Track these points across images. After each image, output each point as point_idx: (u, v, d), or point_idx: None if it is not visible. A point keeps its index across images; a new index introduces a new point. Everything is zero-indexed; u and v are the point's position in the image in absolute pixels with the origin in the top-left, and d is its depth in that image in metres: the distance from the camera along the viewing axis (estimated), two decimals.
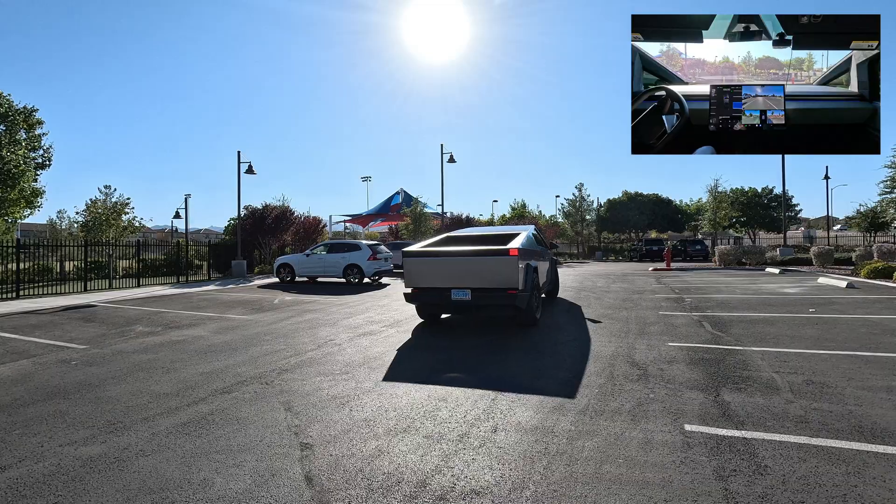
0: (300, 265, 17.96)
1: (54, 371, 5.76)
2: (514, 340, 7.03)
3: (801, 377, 4.91)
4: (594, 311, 9.96)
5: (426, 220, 28.81)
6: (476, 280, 7.54)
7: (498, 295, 7.46)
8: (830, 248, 21.65)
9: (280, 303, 12.26)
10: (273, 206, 24.85)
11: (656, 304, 10.72)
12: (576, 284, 16.08)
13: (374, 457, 3.27)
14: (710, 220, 23.81)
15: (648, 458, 3.15)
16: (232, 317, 9.97)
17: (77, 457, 3.35)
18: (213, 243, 24.00)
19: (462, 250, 7.99)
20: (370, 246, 17.78)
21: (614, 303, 11.18)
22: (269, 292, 14.89)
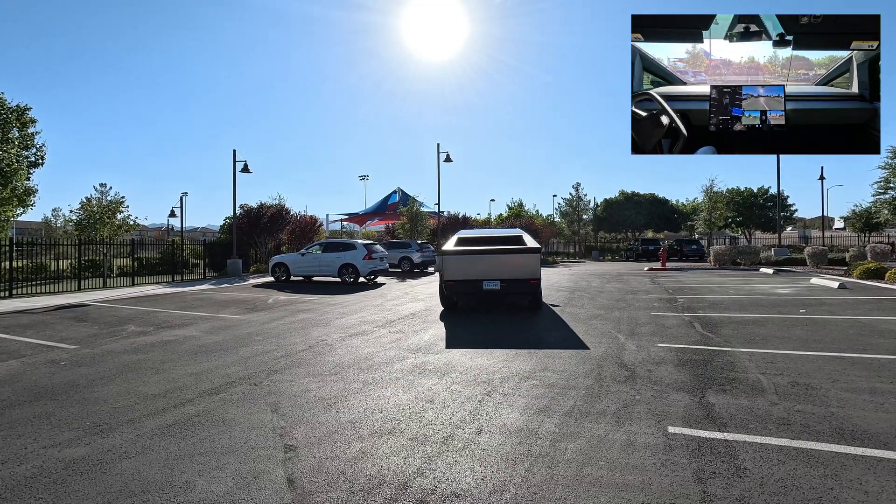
0: (295, 264, 17.95)
1: (43, 371, 5.75)
2: (515, 336, 7.05)
3: (787, 378, 4.94)
4: (586, 311, 9.99)
5: (423, 219, 28.81)
6: (505, 272, 9.52)
7: (522, 284, 9.58)
8: (824, 249, 21.75)
9: (274, 302, 12.25)
10: (269, 205, 24.80)
11: (649, 305, 10.76)
12: (570, 285, 16.12)
13: (358, 459, 3.28)
14: (706, 220, 23.84)
15: (630, 461, 3.17)
16: (225, 317, 9.96)
17: (60, 459, 3.35)
18: (208, 242, 23.96)
19: (495, 249, 9.89)
20: (365, 245, 17.79)
21: (607, 303, 11.21)
22: (264, 292, 14.88)
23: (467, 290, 9.70)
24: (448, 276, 9.70)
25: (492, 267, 9.59)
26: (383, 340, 7.34)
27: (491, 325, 8.72)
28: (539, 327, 8.37)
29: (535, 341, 7.05)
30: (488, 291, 9.53)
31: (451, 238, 11.53)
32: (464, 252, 9.86)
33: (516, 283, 9.59)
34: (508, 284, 9.54)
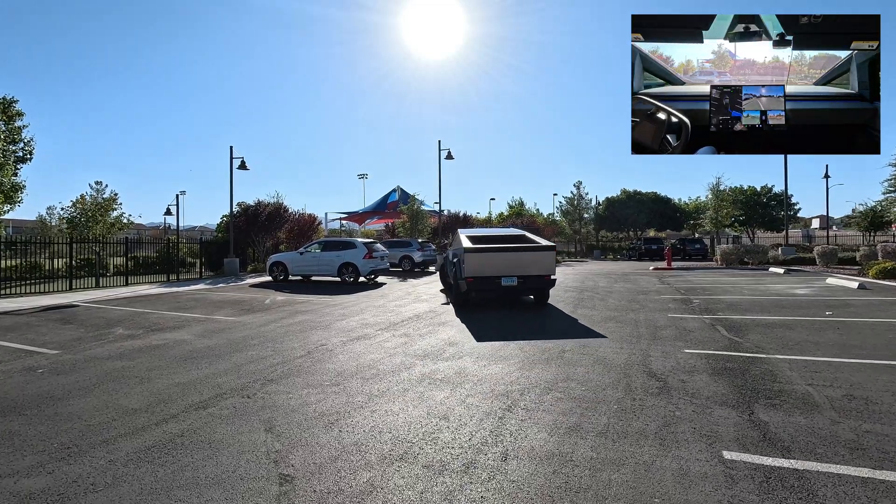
0: (294, 263, 17.43)
1: (17, 381, 5.24)
2: (529, 340, 6.55)
3: (839, 391, 4.45)
4: (600, 313, 9.50)
5: (423, 218, 28.26)
6: (522, 269, 9.96)
7: (538, 280, 10.12)
8: (835, 248, 21.28)
9: (271, 303, 11.75)
10: (266, 202, 24.25)
11: (663, 306, 10.28)
12: (577, 284, 15.63)
13: (366, 493, 2.78)
14: (712, 218, 23.32)
15: (689, 497, 2.67)
16: (219, 318, 9.45)
17: (16, 492, 2.85)
18: (205, 241, 23.43)
19: (513, 246, 10.37)
20: (366, 244, 17.28)
21: (620, 304, 10.73)
22: (261, 292, 14.37)
23: (485, 286, 9.98)
24: (468, 272, 9.84)
25: (509, 264, 9.95)
26: (388, 345, 6.84)
27: (502, 327, 8.23)
28: (554, 330, 7.88)
29: (551, 347, 6.55)
30: (506, 288, 9.91)
31: (458, 236, 11.60)
32: (484, 249, 10.02)
33: (533, 280, 10.02)
34: (525, 281, 9.95)
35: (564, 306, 10.50)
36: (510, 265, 9.97)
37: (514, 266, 9.97)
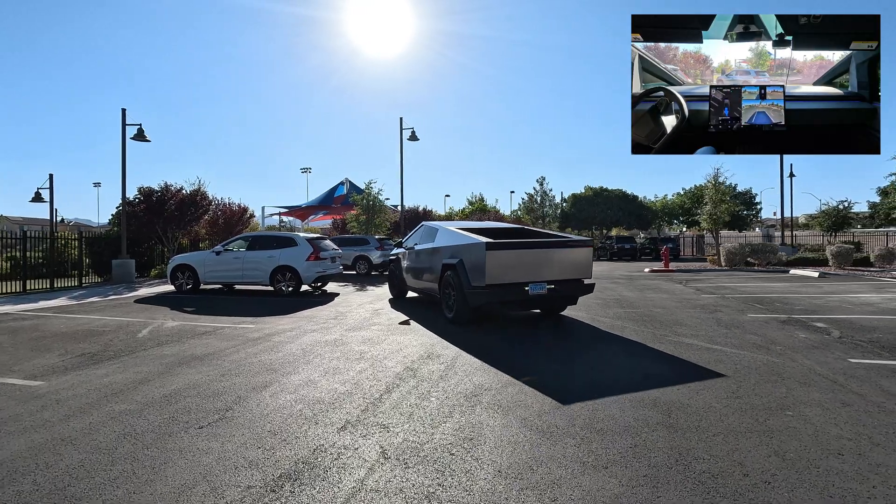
0: (206, 267, 12.49)
1: None
2: None
3: None
4: (683, 339, 5.61)
5: (383, 211, 23.64)
6: (555, 272, 7.55)
7: (574, 286, 7.81)
8: (850, 248, 19.13)
9: (149, 336, 7.02)
10: (178, 188, 18.81)
11: (791, 339, 6.57)
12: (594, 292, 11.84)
13: None
14: (710, 213, 20.76)
15: None
16: (15, 383, 4.72)
17: None
18: (89, 236, 17.67)
19: (542, 241, 7.74)
20: (310, 240, 12.64)
21: (693, 323, 6.94)
22: (148, 310, 9.50)
23: (507, 297, 7.34)
24: (489, 278, 7.13)
25: (540, 265, 7.46)
26: (368, 482, 2.53)
27: (575, 373, 4.12)
28: (658, 376, 3.87)
29: None
30: (532, 298, 7.40)
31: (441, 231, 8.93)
32: (509, 245, 7.29)
33: (568, 285, 7.72)
34: (559, 287, 7.54)
35: (634, 333, 6.56)
36: (541, 267, 7.45)
37: (545, 268, 7.47)
